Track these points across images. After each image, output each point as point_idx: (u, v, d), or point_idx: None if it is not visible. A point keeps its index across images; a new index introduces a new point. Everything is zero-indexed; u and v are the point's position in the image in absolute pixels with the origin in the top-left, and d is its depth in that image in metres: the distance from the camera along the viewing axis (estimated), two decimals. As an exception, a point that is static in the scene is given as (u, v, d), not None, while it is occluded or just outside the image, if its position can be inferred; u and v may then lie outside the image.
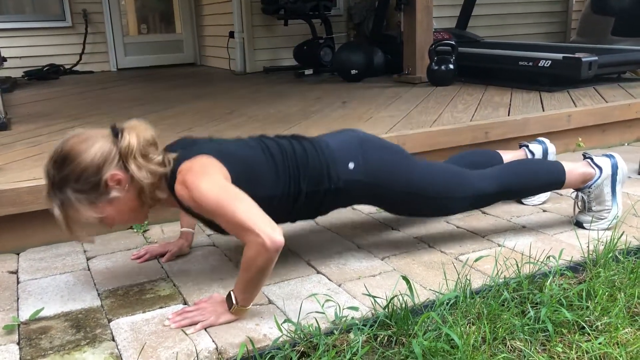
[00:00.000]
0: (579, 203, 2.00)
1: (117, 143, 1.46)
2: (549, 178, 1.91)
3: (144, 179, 1.46)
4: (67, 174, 1.43)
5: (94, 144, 1.44)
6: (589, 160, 1.95)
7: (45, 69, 5.63)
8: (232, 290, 1.44)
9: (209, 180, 1.43)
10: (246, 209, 1.38)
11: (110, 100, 3.98)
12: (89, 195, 1.44)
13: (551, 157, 2.24)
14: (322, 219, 2.17)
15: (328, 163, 1.65)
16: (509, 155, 2.15)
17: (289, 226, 2.11)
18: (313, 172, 1.63)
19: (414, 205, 1.79)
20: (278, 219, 1.64)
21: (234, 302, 1.43)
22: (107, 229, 1.57)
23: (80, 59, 5.99)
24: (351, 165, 1.67)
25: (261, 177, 1.57)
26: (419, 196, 1.75)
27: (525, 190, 1.99)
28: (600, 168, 1.92)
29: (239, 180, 1.49)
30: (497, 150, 2.20)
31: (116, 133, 1.48)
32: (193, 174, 1.44)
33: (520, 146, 2.27)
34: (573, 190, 2.01)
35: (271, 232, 1.34)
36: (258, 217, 1.37)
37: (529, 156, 2.21)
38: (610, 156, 1.95)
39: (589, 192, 1.93)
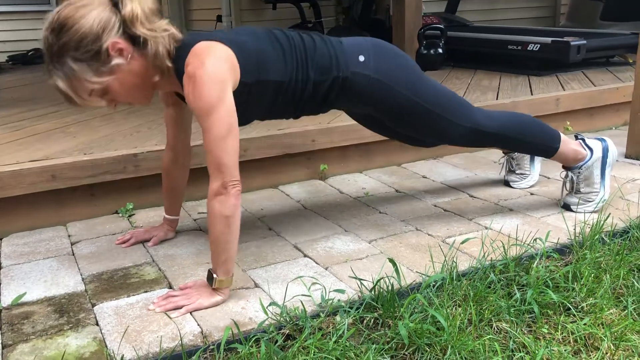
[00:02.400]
0: (568, 184, 2.00)
1: (118, 11, 1.40)
2: (545, 137, 1.91)
3: (159, 40, 1.42)
4: (66, 42, 1.38)
5: (92, 11, 1.39)
6: (580, 141, 1.95)
7: (29, 53, 5.54)
8: (210, 268, 1.45)
9: (216, 88, 1.39)
10: (232, 146, 1.40)
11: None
12: (90, 63, 1.40)
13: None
14: (308, 203, 2.16)
15: (337, 53, 1.64)
16: None
17: (275, 209, 2.10)
18: (321, 59, 1.61)
19: (414, 118, 1.75)
20: (286, 108, 1.65)
21: (214, 276, 1.43)
22: (111, 108, 1.53)
23: (66, 44, 5.91)
24: (361, 58, 1.66)
25: (269, 65, 1.55)
26: (421, 107, 1.72)
27: (521, 142, 1.92)
28: (591, 150, 1.92)
29: (247, 67, 1.48)
30: None
31: (115, 2, 1.42)
32: (203, 70, 1.39)
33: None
34: (562, 170, 2.01)
35: (237, 178, 1.40)
36: (234, 160, 1.41)
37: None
38: (602, 140, 1.96)
39: (579, 172, 1.93)
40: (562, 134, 1.93)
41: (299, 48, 1.60)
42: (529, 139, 1.90)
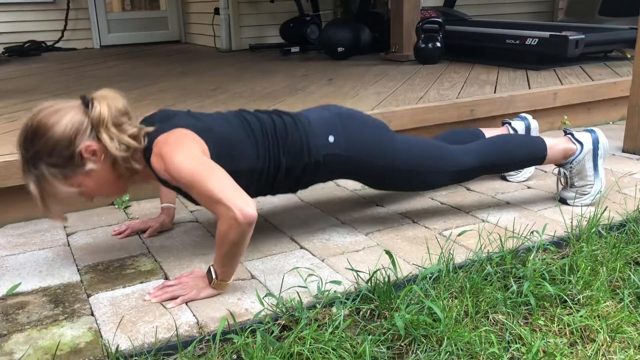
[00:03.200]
0: (562, 179, 2.00)
1: (88, 113, 1.41)
2: (529, 153, 1.91)
3: (117, 150, 1.42)
4: (39, 149, 1.39)
5: (64, 116, 1.40)
6: (569, 136, 1.95)
7: (26, 45, 5.52)
8: (212, 265, 1.43)
9: (184, 152, 1.40)
10: (219, 182, 1.35)
11: (93, 76, 3.91)
12: (63, 169, 1.41)
13: (534, 133, 2.24)
14: (306, 196, 2.15)
15: (308, 137, 1.63)
16: (491, 132, 2.14)
17: (273, 203, 2.10)
18: (293, 145, 1.61)
19: (395, 180, 1.78)
20: (258, 192, 1.63)
21: (213, 276, 1.41)
22: (88, 202, 1.54)
23: (63, 36, 5.88)
24: (331, 139, 1.65)
25: (240, 152, 1.54)
26: (399, 170, 1.73)
27: (507, 165, 1.97)
28: (581, 143, 1.92)
29: (217, 154, 1.47)
30: (480, 128, 2.18)
31: (87, 103, 1.43)
32: (168, 145, 1.41)
33: (503, 123, 2.26)
34: (555, 167, 2.01)
35: (243, 205, 1.31)
36: (230, 190, 1.34)
37: (512, 132, 2.20)
38: (591, 131, 1.95)
39: (571, 167, 1.93)
40: (546, 139, 1.92)
41: (270, 133, 1.59)
42: (513, 158, 1.91)
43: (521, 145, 1.93)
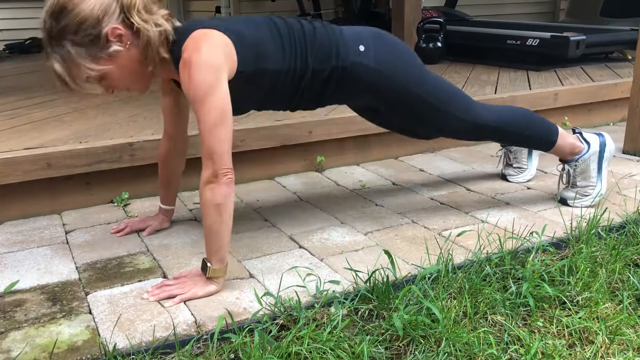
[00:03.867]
0: (564, 177, 1.99)
1: None
2: (543, 131, 1.90)
3: (151, 32, 1.40)
4: (65, 25, 1.37)
5: None
6: (578, 135, 1.95)
7: (27, 42, 5.51)
8: (205, 258, 1.44)
9: (211, 75, 1.38)
10: (225, 134, 1.39)
11: (93, 74, 3.90)
12: (88, 48, 1.39)
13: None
14: (305, 195, 2.15)
15: (338, 42, 1.62)
16: None
17: (272, 201, 2.09)
18: (321, 48, 1.60)
19: (412, 110, 1.74)
20: (283, 98, 1.64)
21: (207, 265, 1.42)
22: (109, 94, 1.52)
23: (63, 33, 5.87)
24: (361, 48, 1.64)
25: (268, 53, 1.53)
26: (420, 99, 1.71)
27: (519, 136, 1.91)
28: (588, 143, 1.92)
29: (245, 56, 1.47)
30: None
31: None
32: (198, 56, 1.38)
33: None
34: (559, 164, 2.00)
35: (230, 166, 1.39)
36: (227, 149, 1.40)
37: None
38: (599, 134, 1.96)
39: (576, 165, 1.93)
40: (560, 128, 1.93)
41: (298, 36, 1.58)
42: (527, 132, 1.89)
43: (538, 121, 1.92)
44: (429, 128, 1.85)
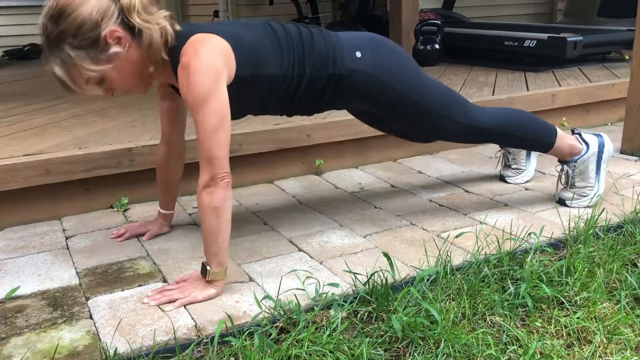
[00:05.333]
0: (563, 177, 2.00)
1: (117, 1, 1.40)
2: (542, 133, 1.91)
3: (153, 31, 1.41)
4: (64, 29, 1.37)
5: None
6: (577, 135, 1.96)
7: (26, 48, 5.52)
8: (204, 261, 1.45)
9: (210, 79, 1.39)
10: (223, 138, 1.41)
11: (92, 79, 3.91)
12: (88, 51, 1.39)
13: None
14: (304, 198, 2.16)
15: (335, 48, 1.63)
16: None
17: (271, 205, 2.10)
18: (318, 55, 1.60)
19: (411, 114, 1.74)
20: (280, 104, 1.64)
21: (207, 268, 1.43)
22: (108, 95, 1.53)
23: (62, 39, 5.88)
24: (358, 54, 1.65)
25: (265, 58, 1.54)
26: (417, 104, 1.71)
27: (518, 138, 1.92)
28: (587, 144, 1.93)
29: (243, 61, 1.48)
30: None
31: None
32: (197, 60, 1.39)
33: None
34: (558, 164, 2.01)
35: (227, 170, 1.41)
36: (225, 153, 1.41)
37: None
38: (598, 135, 1.97)
39: (574, 166, 1.94)
40: (558, 129, 1.93)
41: (296, 42, 1.59)
42: (525, 134, 1.90)
43: (537, 123, 1.92)
44: (427, 132, 1.86)
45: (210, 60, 1.40)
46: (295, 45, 1.59)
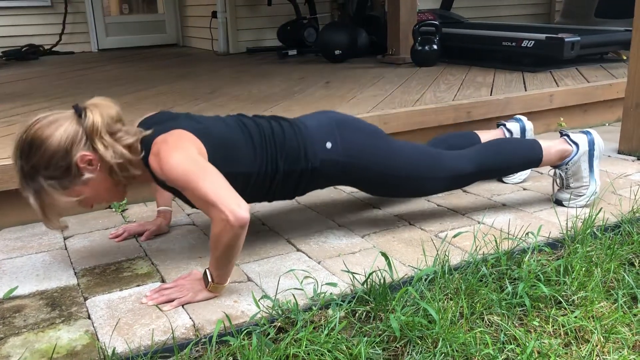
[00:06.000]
0: (557, 180, 2.01)
1: (82, 122, 1.42)
2: (526, 156, 1.92)
3: (112, 159, 1.42)
4: (36, 163, 1.39)
5: (59, 127, 1.40)
6: (565, 137, 1.96)
7: (24, 49, 5.52)
8: (208, 268, 1.44)
9: (180, 152, 1.41)
10: (212, 184, 1.36)
11: (90, 80, 3.92)
12: (61, 180, 1.41)
13: (529, 134, 2.24)
14: (302, 198, 2.16)
15: (305, 142, 1.63)
16: (486, 136, 2.14)
17: (269, 205, 2.10)
18: (290, 150, 1.61)
19: (391, 186, 1.79)
20: (255, 197, 1.63)
21: (209, 279, 1.42)
22: (87, 209, 1.54)
23: (60, 40, 5.88)
24: (329, 145, 1.66)
25: (238, 155, 1.55)
26: (395, 177, 1.74)
27: (503, 169, 1.99)
28: (577, 144, 1.93)
29: (215, 157, 1.47)
30: (475, 131, 2.19)
31: (79, 112, 1.43)
32: (166, 145, 1.42)
33: (498, 125, 2.26)
34: (551, 168, 2.02)
35: (236, 208, 1.32)
36: (224, 192, 1.35)
37: (507, 135, 2.21)
38: (587, 132, 1.96)
39: (566, 168, 1.94)
40: (541, 141, 1.93)
41: (268, 138, 1.60)
42: (509, 164, 1.94)
43: (517, 149, 1.94)
44: (410, 193, 1.92)
45: (179, 143, 1.42)
46: (267, 141, 1.59)
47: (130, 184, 1.55)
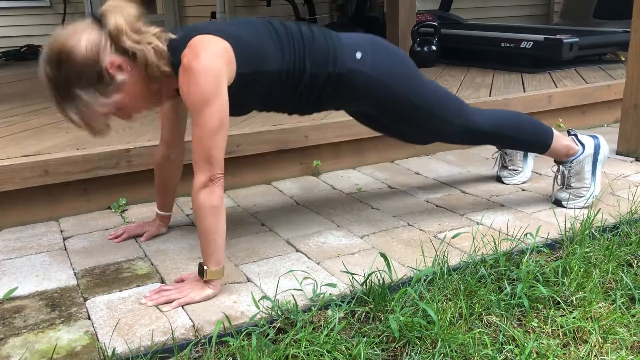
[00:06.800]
0: (559, 178, 2.01)
1: (104, 28, 1.40)
2: (538, 135, 1.92)
3: (146, 51, 1.41)
4: (68, 74, 1.38)
5: (82, 36, 1.38)
6: (573, 136, 1.97)
7: (23, 49, 5.52)
8: (201, 262, 1.46)
9: (213, 85, 1.40)
10: (222, 141, 1.42)
11: (89, 80, 3.91)
12: (96, 87, 1.40)
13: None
14: (302, 199, 2.17)
15: (335, 47, 1.63)
16: None
17: (268, 206, 2.11)
18: (318, 53, 1.61)
19: (408, 116, 1.75)
20: (283, 102, 1.66)
21: (204, 268, 1.44)
22: (127, 121, 1.53)
23: (59, 40, 5.87)
24: (358, 55, 1.66)
25: (266, 54, 1.54)
26: (416, 105, 1.72)
27: (515, 140, 1.94)
28: (583, 145, 1.94)
29: (243, 58, 1.48)
30: None
31: (98, 19, 1.41)
32: (200, 62, 1.39)
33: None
34: (554, 165, 2.02)
35: (223, 170, 1.43)
36: (221, 154, 1.43)
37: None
38: (594, 137, 1.98)
39: (570, 166, 1.95)
40: (554, 130, 1.95)
41: (296, 39, 1.60)
42: (522, 136, 1.92)
43: (534, 127, 1.94)
44: (424, 133, 1.87)
45: (211, 63, 1.41)
46: (295, 42, 1.59)
47: (165, 87, 1.53)
